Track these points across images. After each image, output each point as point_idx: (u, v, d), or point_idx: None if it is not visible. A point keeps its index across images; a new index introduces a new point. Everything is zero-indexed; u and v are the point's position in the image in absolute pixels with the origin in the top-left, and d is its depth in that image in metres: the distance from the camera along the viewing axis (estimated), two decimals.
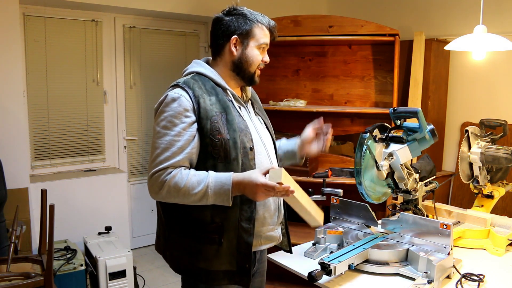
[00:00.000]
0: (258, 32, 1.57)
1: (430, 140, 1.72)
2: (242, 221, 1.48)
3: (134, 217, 4.09)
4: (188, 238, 1.52)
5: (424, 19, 3.82)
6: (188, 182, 1.41)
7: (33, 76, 3.50)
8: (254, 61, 1.58)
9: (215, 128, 1.46)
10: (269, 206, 1.58)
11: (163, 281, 3.47)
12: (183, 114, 1.46)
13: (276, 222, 1.63)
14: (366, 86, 3.37)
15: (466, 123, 3.53)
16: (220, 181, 1.41)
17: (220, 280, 1.51)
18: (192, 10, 3.87)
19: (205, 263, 1.51)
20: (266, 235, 1.60)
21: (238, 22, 1.56)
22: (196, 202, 1.43)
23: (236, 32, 1.56)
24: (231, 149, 1.47)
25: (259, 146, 1.58)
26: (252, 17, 1.57)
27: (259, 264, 1.71)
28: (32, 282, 2.26)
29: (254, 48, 1.58)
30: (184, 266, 1.56)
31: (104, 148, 3.92)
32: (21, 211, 2.90)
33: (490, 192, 2.16)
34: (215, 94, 1.53)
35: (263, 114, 1.74)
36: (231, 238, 1.48)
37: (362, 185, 1.68)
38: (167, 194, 1.43)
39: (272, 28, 1.62)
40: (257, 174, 1.39)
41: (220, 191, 1.40)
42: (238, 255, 1.49)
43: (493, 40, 2.17)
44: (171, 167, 1.43)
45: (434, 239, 1.58)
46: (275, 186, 1.36)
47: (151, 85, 4.08)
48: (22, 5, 3.26)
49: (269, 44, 1.63)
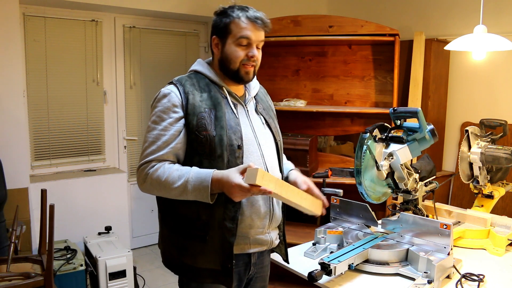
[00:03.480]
0: (234, 27, 1.51)
1: (430, 140, 1.72)
2: (226, 220, 1.47)
3: (134, 217, 4.09)
4: (177, 234, 1.54)
5: (424, 19, 3.82)
6: (170, 176, 1.42)
7: (33, 76, 3.50)
8: (233, 58, 1.53)
9: (201, 124, 1.46)
10: (258, 208, 1.54)
11: (163, 281, 3.47)
12: (171, 110, 1.48)
13: (268, 225, 1.58)
14: (366, 86, 3.37)
15: (466, 123, 3.53)
16: (200, 177, 1.40)
17: (205, 278, 1.52)
18: (192, 10, 3.87)
19: (191, 260, 1.52)
20: (255, 238, 1.56)
21: (217, 21, 1.55)
22: (177, 196, 1.44)
23: (216, 31, 1.56)
24: (217, 146, 1.46)
25: (251, 145, 1.55)
26: (229, 13, 1.52)
27: (256, 269, 1.65)
28: (32, 282, 2.26)
29: (231, 44, 1.52)
30: (173, 262, 1.58)
31: (104, 148, 3.92)
32: (21, 211, 2.90)
33: (490, 192, 2.15)
34: (207, 91, 1.53)
35: (267, 114, 1.69)
36: (215, 237, 1.48)
37: (362, 185, 1.68)
38: (150, 187, 1.46)
39: (254, 19, 1.51)
40: (234, 173, 1.36)
41: (199, 187, 1.39)
42: (222, 255, 1.48)
43: (493, 40, 2.17)
44: (155, 161, 1.46)
45: (434, 239, 1.58)
46: (249, 188, 1.31)
47: (151, 85, 4.07)
48: (22, 5, 3.26)
49: (254, 37, 1.52)
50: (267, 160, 1.59)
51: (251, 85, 1.68)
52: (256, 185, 1.31)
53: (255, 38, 1.52)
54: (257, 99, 1.69)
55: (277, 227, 1.67)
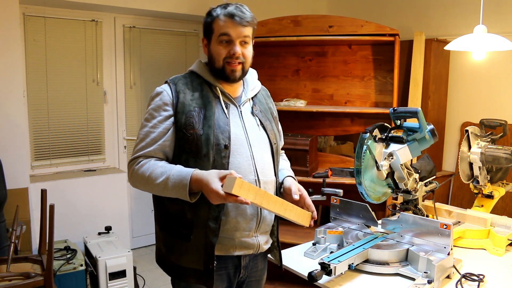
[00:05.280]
0: (215, 26, 1.52)
1: (430, 140, 1.71)
2: (210, 220, 1.46)
3: (134, 217, 4.09)
4: (166, 232, 1.56)
5: (424, 19, 3.82)
6: (153, 172, 1.43)
7: (33, 76, 3.50)
8: (216, 56, 1.53)
9: (189, 122, 1.48)
10: (244, 210, 1.50)
11: (163, 281, 3.47)
12: (162, 108, 1.51)
13: (255, 228, 1.55)
14: (366, 86, 3.37)
15: (466, 123, 3.53)
16: (180, 175, 1.40)
17: (188, 277, 1.52)
18: (192, 10, 3.87)
19: (176, 258, 1.53)
20: (241, 240, 1.53)
21: (204, 22, 1.58)
22: (159, 192, 1.45)
23: (203, 32, 1.59)
24: (203, 144, 1.46)
25: (240, 146, 1.52)
26: (212, 13, 1.55)
27: (248, 272, 1.62)
28: (32, 282, 2.26)
29: (215, 43, 1.53)
30: (162, 259, 1.60)
31: (104, 148, 3.93)
32: (21, 211, 2.90)
33: (490, 192, 2.15)
34: (200, 90, 1.54)
35: (264, 116, 1.65)
36: (199, 236, 1.48)
37: (362, 185, 1.68)
38: (135, 182, 1.49)
39: (231, 14, 1.49)
40: (213, 176, 1.34)
41: (179, 184, 1.39)
42: (205, 255, 1.47)
43: (493, 40, 2.17)
44: (142, 157, 1.48)
45: (434, 239, 1.58)
46: (225, 197, 1.30)
47: (151, 85, 4.07)
48: (22, 5, 3.26)
49: (234, 34, 1.49)
50: (257, 162, 1.55)
51: (250, 86, 1.66)
52: (232, 195, 1.29)
53: (235, 34, 1.50)
54: (254, 101, 1.66)
55: (268, 231, 1.64)
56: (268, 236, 1.65)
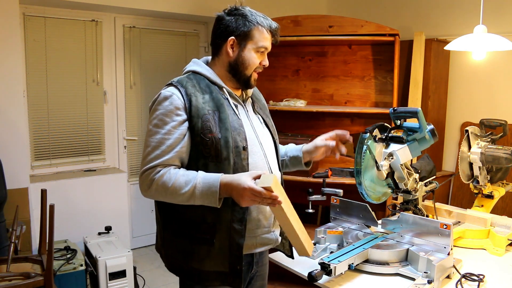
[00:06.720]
0: (258, 34, 1.53)
1: (430, 140, 1.71)
2: (234, 222, 1.46)
3: (134, 217, 4.08)
4: (181, 238, 1.52)
5: (424, 19, 3.82)
6: (176, 182, 1.39)
7: (33, 76, 3.50)
8: (250, 64, 1.54)
9: (206, 126, 1.44)
10: (264, 207, 1.54)
11: (163, 281, 3.47)
12: (174, 113, 1.45)
13: (273, 224, 1.59)
14: (366, 86, 3.37)
15: (466, 123, 3.53)
16: (208, 182, 1.38)
17: (212, 280, 1.50)
18: (192, 10, 3.87)
19: (197, 263, 1.50)
20: (262, 237, 1.56)
21: (237, 23, 1.52)
22: (184, 202, 1.42)
23: (234, 33, 1.52)
24: (222, 148, 1.44)
25: (254, 146, 1.54)
26: (252, 19, 1.52)
27: (258, 267, 1.66)
28: (32, 282, 2.26)
29: (251, 50, 1.53)
30: (178, 266, 1.56)
31: (104, 148, 3.92)
32: (21, 211, 2.90)
33: (490, 192, 2.15)
34: (209, 92, 1.51)
35: (264, 113, 1.69)
36: (223, 239, 1.47)
37: (362, 185, 1.68)
38: (155, 193, 1.44)
39: (274, 31, 1.57)
40: (246, 177, 1.35)
41: (207, 192, 1.38)
42: (230, 256, 1.47)
43: (493, 40, 2.17)
44: (160, 166, 1.42)
45: (434, 239, 1.58)
46: (262, 191, 1.31)
47: (151, 85, 4.07)
48: (22, 5, 3.26)
49: (269, 48, 1.58)
50: (270, 160, 1.59)
51: None
52: (269, 189, 1.30)
53: (270, 48, 1.59)
54: (253, 99, 1.68)
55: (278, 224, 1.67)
56: (280, 229, 1.67)
